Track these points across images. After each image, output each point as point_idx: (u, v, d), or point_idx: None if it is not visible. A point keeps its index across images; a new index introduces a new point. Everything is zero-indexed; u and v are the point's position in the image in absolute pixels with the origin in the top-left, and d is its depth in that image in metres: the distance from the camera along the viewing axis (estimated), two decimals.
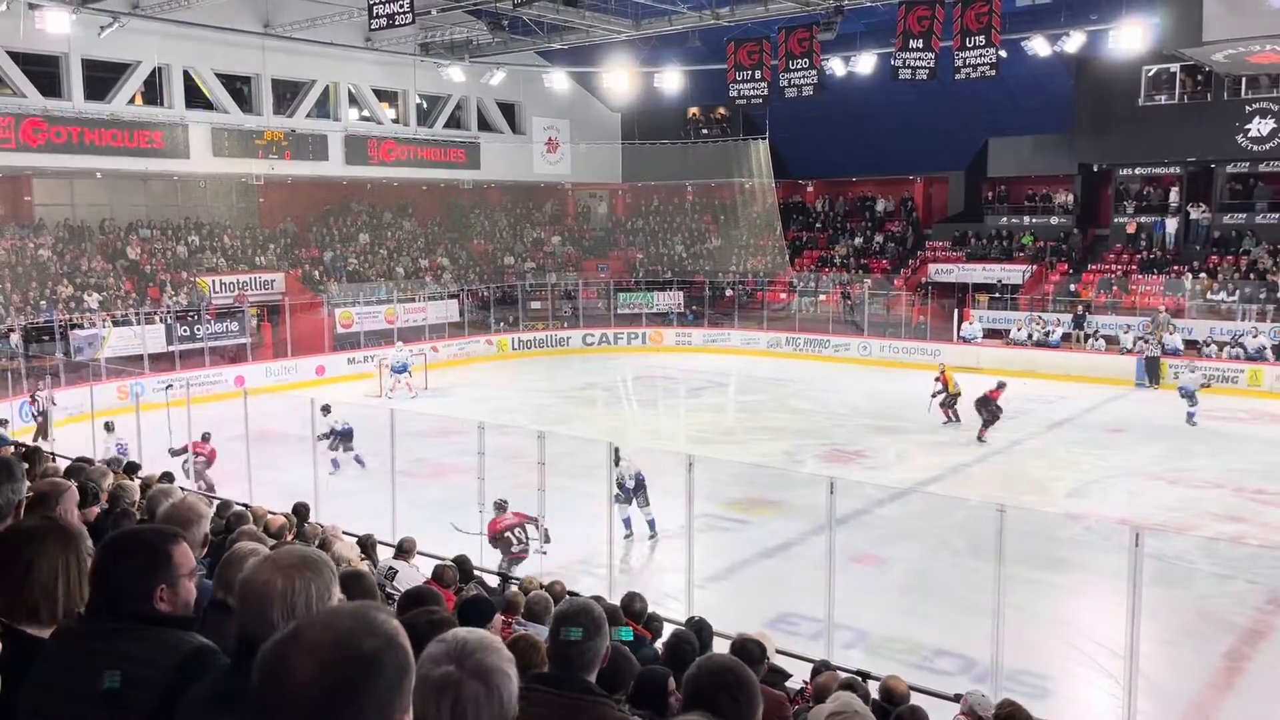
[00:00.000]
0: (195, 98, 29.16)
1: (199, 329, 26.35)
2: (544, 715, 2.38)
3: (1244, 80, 28.87)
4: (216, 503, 9.71)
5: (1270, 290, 27.74)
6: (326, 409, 17.41)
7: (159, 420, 19.79)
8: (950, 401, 21.58)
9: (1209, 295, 28.58)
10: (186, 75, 28.74)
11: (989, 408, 20.08)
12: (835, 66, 28.67)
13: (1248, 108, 29.25)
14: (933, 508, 15.27)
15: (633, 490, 13.80)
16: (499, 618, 5.96)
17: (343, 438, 17.89)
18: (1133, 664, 7.98)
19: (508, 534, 12.06)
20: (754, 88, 26.81)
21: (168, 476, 10.86)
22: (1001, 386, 20.59)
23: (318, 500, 13.08)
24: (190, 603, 2.36)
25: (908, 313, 31.68)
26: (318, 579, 2.05)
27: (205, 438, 16.33)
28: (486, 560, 11.53)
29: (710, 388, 27.33)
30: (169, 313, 26.32)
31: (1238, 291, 28.15)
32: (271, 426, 17.86)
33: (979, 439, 19.95)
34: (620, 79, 32.53)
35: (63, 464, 7.37)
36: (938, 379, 21.98)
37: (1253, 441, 20.09)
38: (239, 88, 30.37)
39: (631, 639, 2.65)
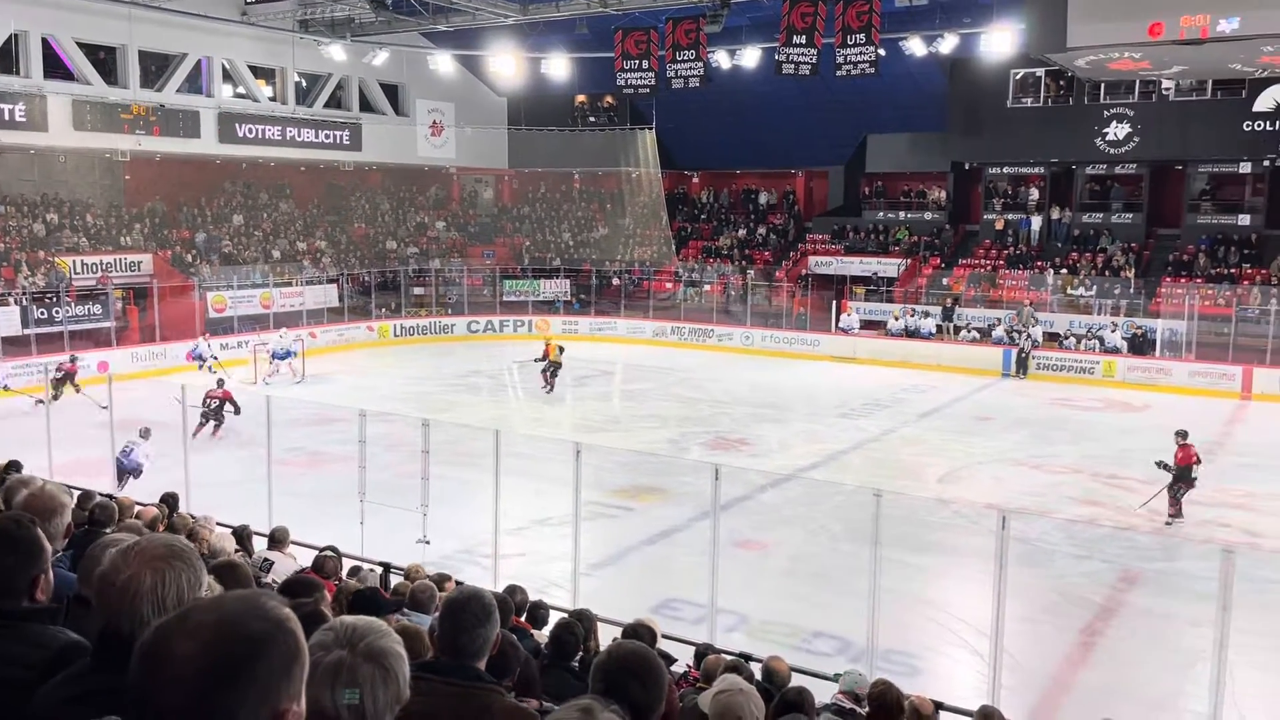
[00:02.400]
0: (55, 67, 27.58)
1: (58, 312, 24.97)
2: (435, 704, 2.36)
3: (1103, 86, 30.41)
4: (78, 493, 9.25)
5: (1124, 286, 29.38)
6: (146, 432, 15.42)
7: (12, 406, 18.80)
8: (551, 369, 23.40)
9: (1069, 290, 30.09)
10: (45, 43, 27.14)
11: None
12: (721, 59, 28.98)
13: (1105, 112, 30.85)
14: (812, 493, 15.67)
15: None
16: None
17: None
18: (998, 641, 8.37)
19: (209, 401, 18.14)
20: (641, 77, 26.92)
21: (14, 465, 10.28)
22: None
23: (189, 490, 12.62)
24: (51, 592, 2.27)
25: (789, 303, 32.38)
26: (187, 569, 1.97)
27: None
28: None
29: (597, 376, 27.38)
30: (24, 294, 24.88)
31: (1095, 287, 29.71)
32: (139, 414, 17.10)
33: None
34: (507, 64, 32.18)
35: None
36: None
37: (1107, 429, 21.25)
38: (103, 58, 28.85)
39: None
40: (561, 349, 23.98)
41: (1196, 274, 29.16)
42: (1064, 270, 30.78)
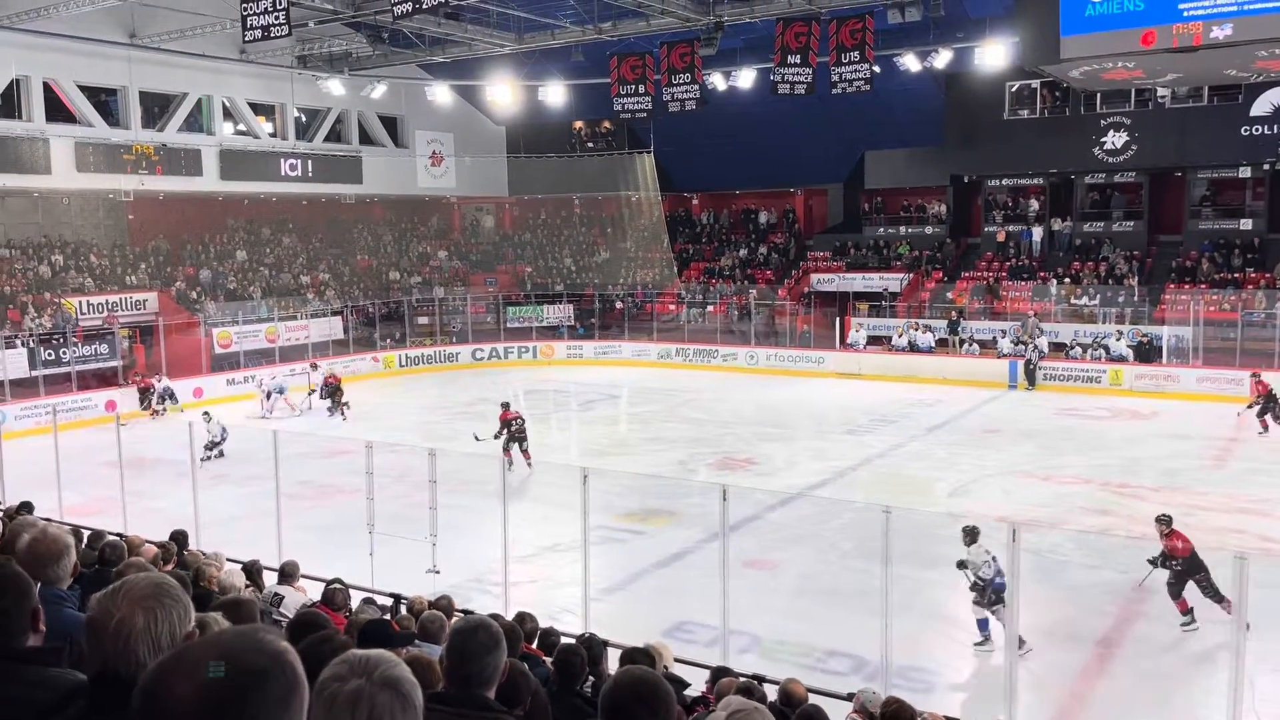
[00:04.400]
0: (57, 111, 27.85)
1: (65, 352, 25.10)
2: None
3: (1099, 96, 30.49)
4: (87, 534, 9.27)
5: (1128, 294, 29.36)
6: (207, 415, 19.53)
7: (21, 448, 18.82)
8: (325, 393, 24.78)
9: (1073, 300, 30.06)
10: (47, 87, 27.43)
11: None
12: (716, 81, 29.16)
13: (1102, 121, 30.94)
14: (821, 511, 15.61)
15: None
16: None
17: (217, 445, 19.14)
18: (1012, 655, 8.32)
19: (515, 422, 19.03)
20: (637, 102, 27.06)
21: (26, 506, 10.33)
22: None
23: (199, 527, 12.64)
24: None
25: (792, 322, 32.40)
26: (177, 605, 1.97)
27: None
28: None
29: (602, 400, 27.39)
30: (31, 336, 25.00)
31: (1098, 296, 29.70)
32: (148, 452, 17.16)
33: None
34: (504, 92, 32.41)
35: None
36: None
37: (1115, 438, 21.17)
38: (104, 100, 29.13)
39: None
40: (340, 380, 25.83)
41: (1200, 279, 29.14)
42: (1067, 280, 30.76)
